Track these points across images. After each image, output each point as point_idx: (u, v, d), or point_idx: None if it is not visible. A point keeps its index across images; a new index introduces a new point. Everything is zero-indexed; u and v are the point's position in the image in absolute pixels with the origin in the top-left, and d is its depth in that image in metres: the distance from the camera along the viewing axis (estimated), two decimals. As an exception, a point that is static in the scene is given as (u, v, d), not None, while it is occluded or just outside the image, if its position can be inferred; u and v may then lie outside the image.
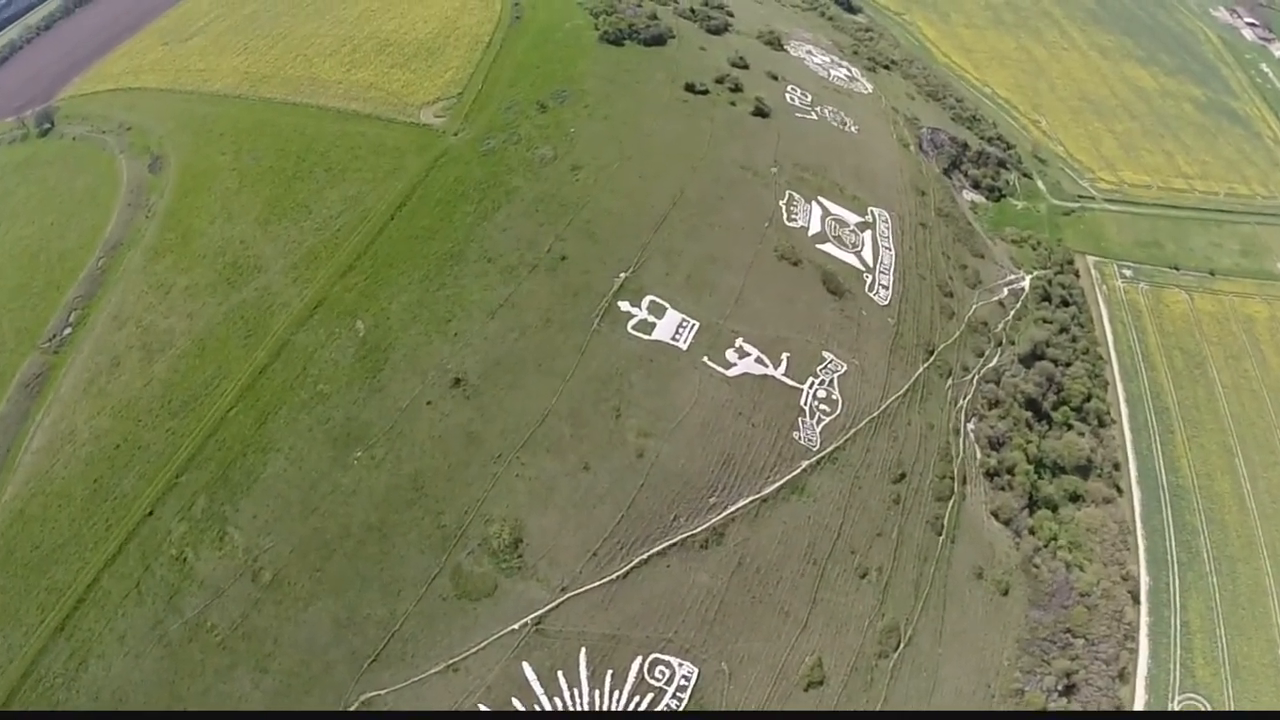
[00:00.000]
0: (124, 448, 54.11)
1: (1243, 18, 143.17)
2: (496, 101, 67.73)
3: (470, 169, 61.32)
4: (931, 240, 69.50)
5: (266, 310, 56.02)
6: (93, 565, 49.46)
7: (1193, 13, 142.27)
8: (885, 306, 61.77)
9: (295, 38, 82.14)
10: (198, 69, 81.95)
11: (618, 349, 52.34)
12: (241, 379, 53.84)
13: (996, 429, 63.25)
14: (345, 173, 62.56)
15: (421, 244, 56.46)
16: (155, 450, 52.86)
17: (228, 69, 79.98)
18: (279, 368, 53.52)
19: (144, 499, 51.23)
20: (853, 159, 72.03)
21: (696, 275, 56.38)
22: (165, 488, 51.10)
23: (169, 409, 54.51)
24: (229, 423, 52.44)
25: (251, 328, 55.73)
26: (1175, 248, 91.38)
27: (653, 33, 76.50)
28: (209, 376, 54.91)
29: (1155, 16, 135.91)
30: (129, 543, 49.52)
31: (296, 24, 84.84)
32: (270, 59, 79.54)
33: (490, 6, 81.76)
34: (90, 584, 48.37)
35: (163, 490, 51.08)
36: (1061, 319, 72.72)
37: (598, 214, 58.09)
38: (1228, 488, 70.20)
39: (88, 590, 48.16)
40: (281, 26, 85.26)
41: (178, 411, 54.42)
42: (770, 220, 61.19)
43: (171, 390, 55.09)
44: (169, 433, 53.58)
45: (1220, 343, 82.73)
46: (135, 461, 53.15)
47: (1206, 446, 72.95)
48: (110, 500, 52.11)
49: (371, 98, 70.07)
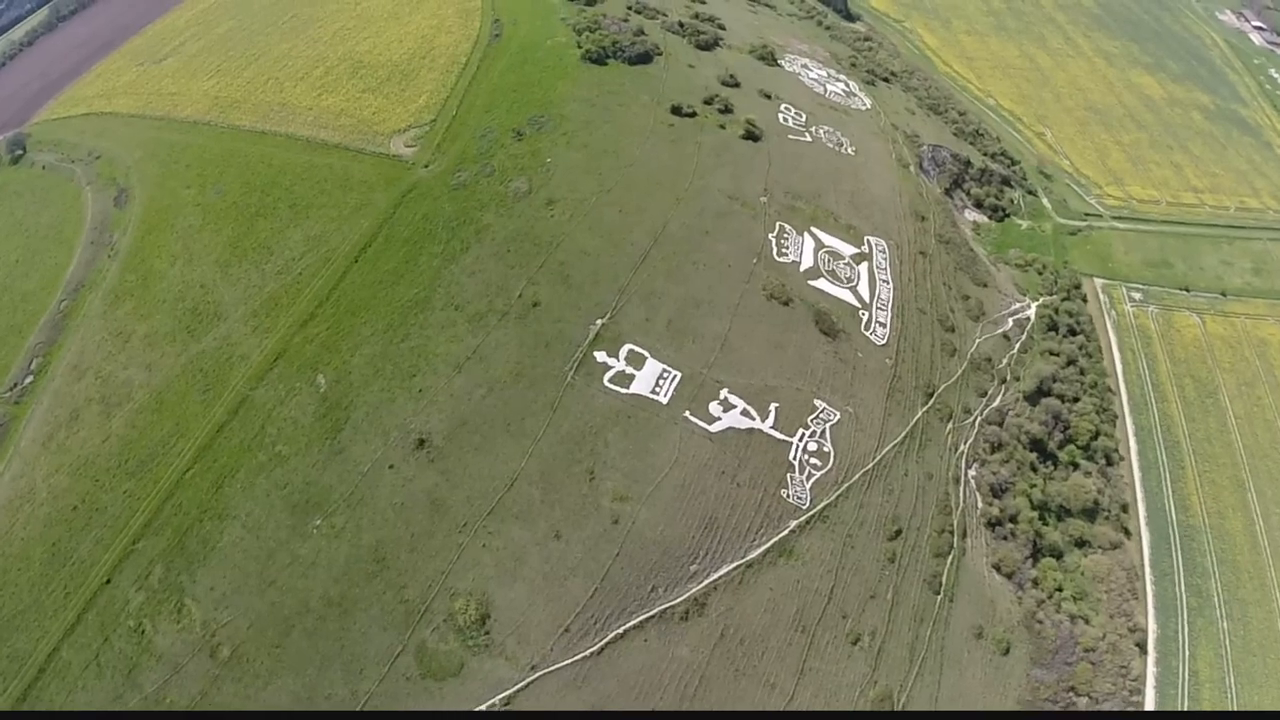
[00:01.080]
0: (82, 509, 50.23)
1: (1250, 21, 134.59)
2: (471, 129, 61.97)
3: (439, 205, 55.97)
4: (932, 270, 63.43)
5: (225, 362, 51.44)
6: (52, 634, 45.69)
7: (1199, 17, 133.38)
8: (882, 346, 56.14)
9: (269, 58, 76.50)
10: (169, 93, 76.53)
11: (592, 405, 47.30)
12: (199, 438, 49.46)
13: (999, 475, 57.75)
14: (310, 209, 57.42)
15: (386, 289, 51.46)
16: (112, 513, 48.99)
17: (199, 93, 74.56)
18: (237, 426, 49.07)
19: (102, 565, 47.37)
20: (849, 184, 65.84)
21: (679, 320, 50.96)
22: (122, 554, 47.21)
23: (126, 469, 50.44)
24: (186, 485, 48.26)
25: (210, 381, 51.20)
26: (1185, 267, 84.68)
27: (638, 50, 70.08)
28: (166, 434, 50.62)
29: (1161, 21, 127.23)
30: (88, 612, 45.74)
31: (271, 43, 79.18)
32: (242, 82, 74.07)
33: (469, 24, 75.62)
34: (50, 654, 44.62)
35: (120, 557, 47.20)
36: (1068, 350, 66.75)
37: (573, 254, 52.68)
38: (1240, 526, 64.58)
39: (48, 660, 44.44)
40: (256, 46, 79.63)
41: (135, 472, 50.37)
42: (759, 256, 55.49)
43: (129, 448, 50.93)
44: (126, 495, 49.54)
45: (1233, 369, 76.44)
46: (93, 524, 49.31)
47: (1218, 482, 67.31)
48: (68, 565, 48.30)
49: (341, 126, 64.48)
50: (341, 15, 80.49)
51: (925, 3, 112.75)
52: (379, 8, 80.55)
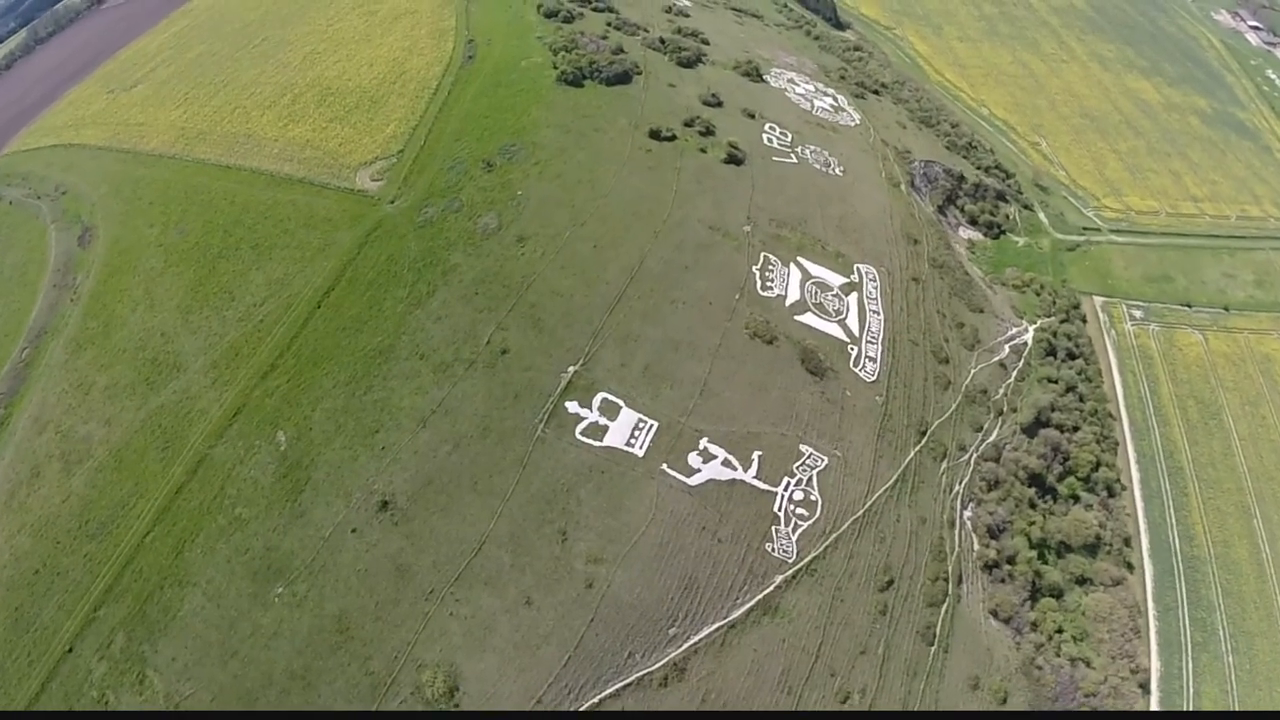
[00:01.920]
0: (43, 573, 47.29)
1: (1246, 21, 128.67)
2: (439, 160, 57.90)
3: (405, 244, 52.16)
4: (925, 297, 59.17)
5: (184, 418, 48.05)
6: (17, 703, 42.97)
7: (1194, 17, 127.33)
8: (872, 383, 52.14)
9: (237, 85, 72.55)
10: (137, 123, 72.80)
11: (564, 460, 43.56)
12: (158, 499, 46.18)
13: (996, 515, 54.01)
14: (273, 250, 53.77)
15: (349, 337, 47.84)
16: (73, 577, 46.02)
17: (166, 123, 70.76)
18: (196, 487, 45.70)
19: (64, 632, 44.52)
20: (837, 208, 61.45)
21: (656, 365, 47.11)
22: (84, 621, 44.31)
23: (87, 530, 47.37)
24: (146, 550, 45.12)
25: (169, 438, 47.82)
26: (1186, 281, 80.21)
27: (616, 70, 65.46)
28: (126, 494, 47.44)
29: (1156, 23, 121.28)
30: (51, 681, 43.00)
31: (240, 69, 75.20)
32: (209, 111, 70.18)
33: (442, 45, 71.35)
34: (14, 724, 42.32)
35: (82, 624, 44.30)
36: (1067, 376, 62.54)
37: (544, 295, 48.83)
38: (1245, 554, 60.77)
39: (12, 731, 42.15)
40: (225, 73, 75.65)
41: (95, 534, 47.34)
42: (742, 291, 51.41)
43: (89, 508, 47.80)
44: (87, 558, 46.52)
45: (1236, 388, 72.23)
46: (55, 589, 46.41)
47: (1223, 509, 63.40)
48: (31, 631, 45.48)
49: (307, 158, 60.52)
50: (312, 38, 76.45)
51: (916, 9, 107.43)
52: (351, 29, 76.46)
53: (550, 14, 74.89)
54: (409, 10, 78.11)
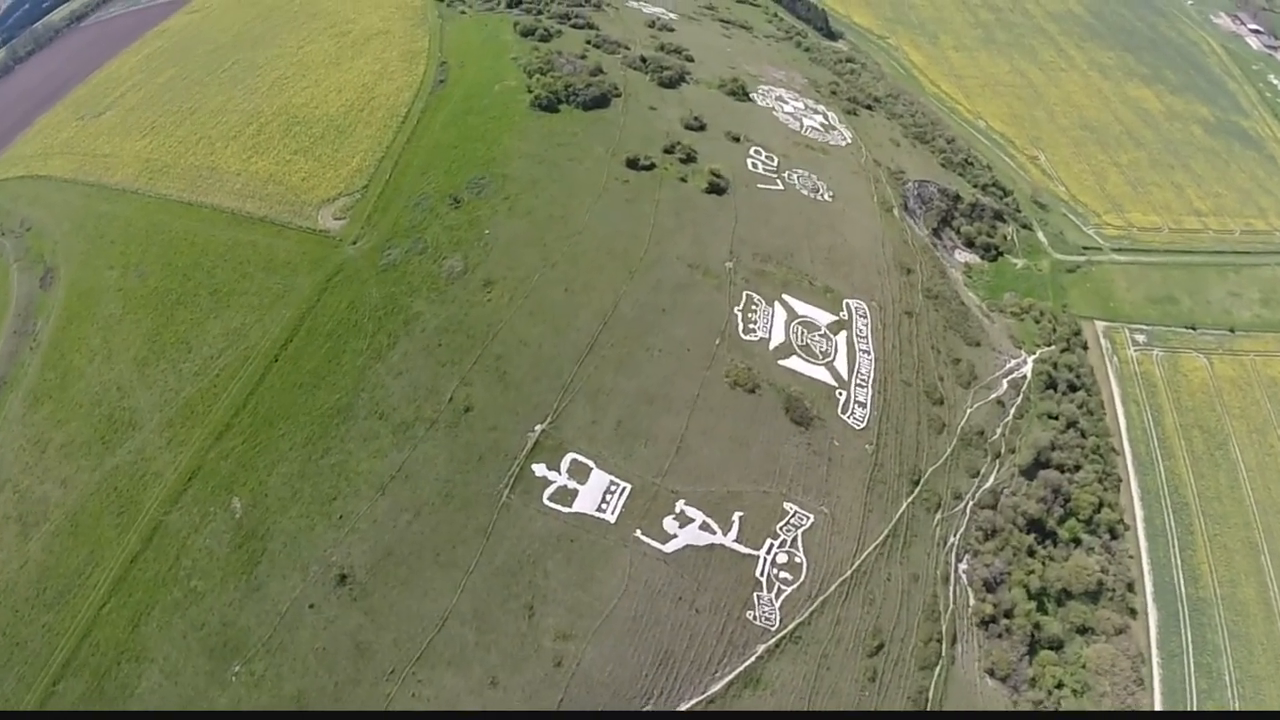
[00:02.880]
0: (3, 643, 43.99)
1: (1246, 24, 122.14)
2: (404, 196, 53.41)
3: (366, 290, 47.93)
4: (919, 332, 54.53)
5: (139, 480, 44.33)
6: None
7: (1194, 21, 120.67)
8: (862, 430, 47.74)
9: (203, 113, 68.08)
10: (104, 154, 68.53)
11: (530, 529, 39.56)
12: (114, 568, 42.56)
13: (992, 566, 49.92)
14: (231, 297, 49.68)
15: (306, 395, 43.89)
16: (33, 648, 42.64)
17: (131, 155, 66.53)
18: (151, 556, 42.02)
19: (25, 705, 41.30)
20: (826, 237, 56.64)
21: (629, 421, 42.96)
22: (44, 695, 40.96)
23: (44, 599, 43.87)
24: (103, 622, 41.61)
25: (124, 502, 44.13)
26: (1191, 302, 75.26)
27: (594, 94, 60.61)
28: (82, 562, 43.89)
29: (1156, 28, 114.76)
30: (13, 757, 40.30)
31: (208, 95, 70.71)
32: (174, 141, 65.82)
33: (413, 68, 66.54)
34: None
35: (42, 698, 40.95)
36: (1068, 411, 57.90)
37: (511, 345, 44.62)
38: (1253, 593, 56.65)
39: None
40: (192, 99, 71.25)
41: (53, 603, 43.94)
42: (722, 335, 47.02)
43: (47, 575, 44.32)
44: (45, 629, 43.12)
45: (1243, 415, 67.69)
46: (15, 660, 43.08)
47: (1230, 545, 59.19)
48: (-10, 704, 42.72)
49: (269, 194, 56.11)
50: (282, 62, 71.79)
51: (910, 17, 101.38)
52: (322, 52, 71.72)
53: (527, 32, 69.88)
54: (382, 31, 73.42)
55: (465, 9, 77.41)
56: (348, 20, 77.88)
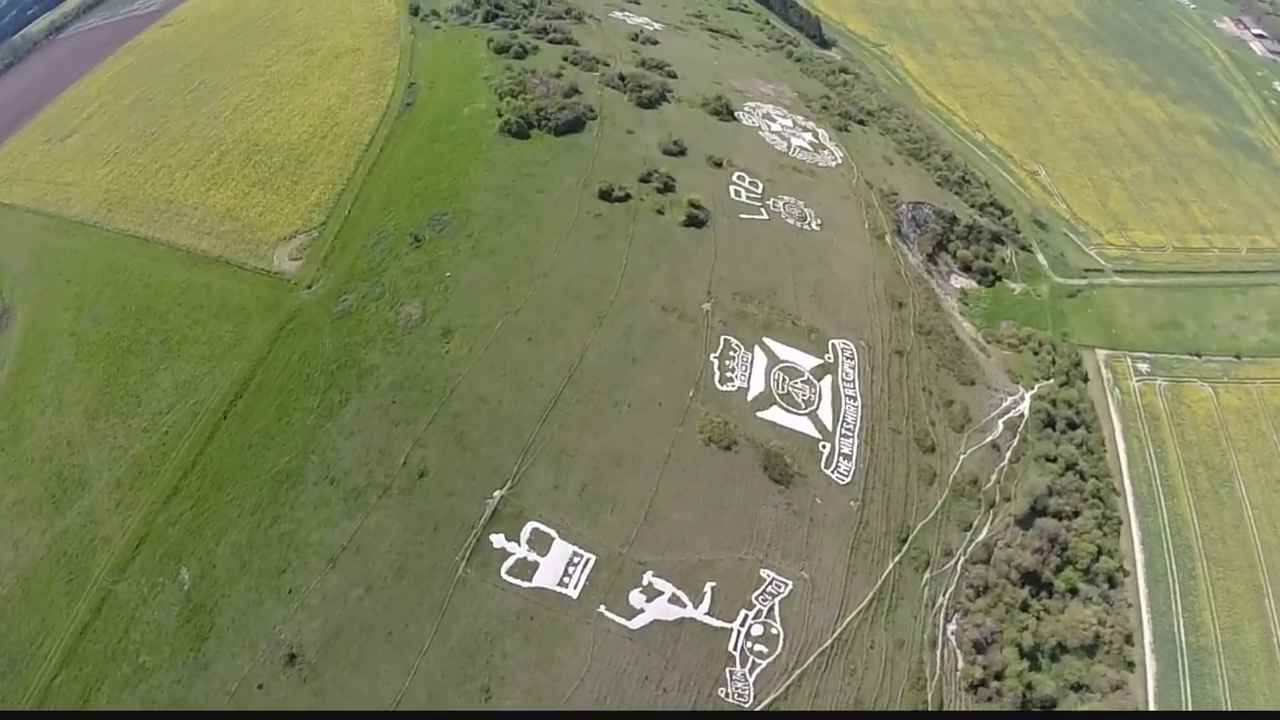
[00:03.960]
0: None
1: (1250, 29, 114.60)
2: (363, 233, 48.75)
3: (320, 340, 43.49)
4: (910, 373, 49.44)
5: (88, 545, 40.60)
6: None
7: (1197, 26, 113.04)
8: (847, 485, 42.90)
9: (165, 139, 63.10)
10: (66, 183, 63.77)
11: (488, 605, 35.41)
12: (64, 638, 38.89)
13: (983, 627, 45.29)
14: (181, 346, 45.44)
15: (255, 456, 39.85)
16: None
17: (92, 184, 61.81)
18: (101, 627, 38.37)
19: None
20: (812, 271, 51.47)
21: (594, 485, 38.50)
22: None
23: None
24: (54, 695, 37.94)
25: (74, 568, 40.43)
26: (1196, 327, 69.67)
27: (567, 118, 55.23)
28: (33, 631, 40.18)
29: (1158, 33, 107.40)
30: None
31: (171, 120, 65.54)
32: (135, 170, 60.96)
33: (381, 90, 61.12)
34: None
35: None
36: (1067, 453, 52.88)
37: (470, 402, 40.13)
38: (1255, 640, 51.98)
39: None
40: (156, 123, 66.25)
41: (6, 673, 40.24)
42: (697, 386, 42.27)
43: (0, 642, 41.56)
44: None
45: (1249, 448, 62.40)
46: None
47: (1233, 590, 54.50)
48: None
49: (225, 232, 51.58)
50: (248, 83, 66.55)
51: (906, 23, 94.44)
52: (289, 71, 66.48)
53: (501, 49, 64.20)
54: (351, 49, 68.06)
55: (440, 24, 71.62)
56: (318, 37, 72.52)
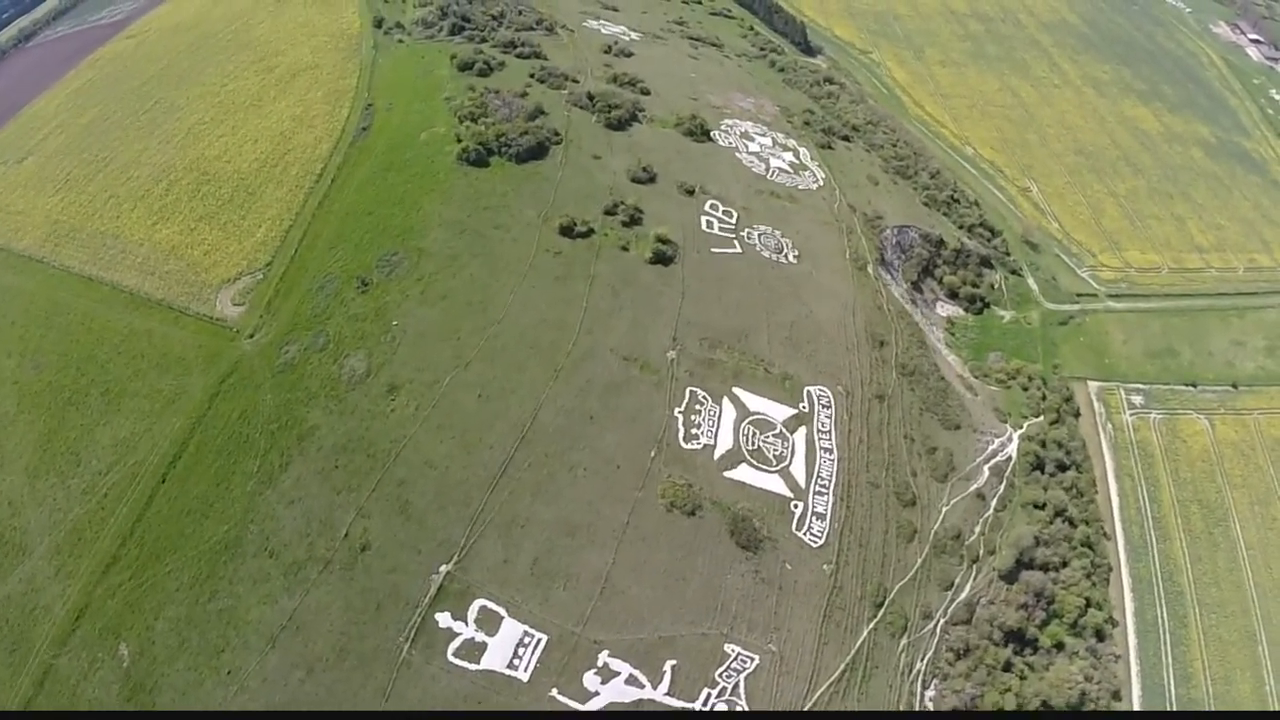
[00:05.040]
0: None
1: (1246, 34, 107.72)
2: (310, 275, 44.44)
3: (260, 396, 39.58)
4: (890, 419, 45.20)
5: (30, 615, 37.42)
6: None
7: (1192, 31, 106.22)
8: (820, 548, 39.01)
9: (116, 165, 58.21)
10: (17, 211, 58.64)
11: (434, 689, 32.09)
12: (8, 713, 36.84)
13: (963, 693, 41.73)
14: (122, 399, 41.66)
15: (194, 524, 36.39)
16: None
17: (42, 215, 56.89)
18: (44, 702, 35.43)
19: None
20: (788, 310, 46.93)
21: (547, 558, 34.82)
22: None
23: None
24: None
25: (17, 639, 37.26)
26: (1192, 354, 64.89)
27: (529, 143, 50.32)
28: None
29: (1153, 38, 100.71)
30: None
31: (124, 143, 60.50)
32: (85, 199, 56.07)
33: (337, 112, 55.79)
34: None
35: None
36: (1056, 498, 48.72)
37: (415, 468, 36.37)
38: (1248, 689, 48.34)
39: None
40: (109, 146, 61.27)
41: None
42: (659, 445, 38.22)
43: (-54, 718, 38.58)
44: None
45: (1244, 484, 58.37)
46: None
47: (1225, 638, 50.82)
48: None
49: (169, 272, 47.29)
50: (203, 102, 61.25)
51: (895, 28, 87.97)
52: (244, 91, 61.18)
53: (465, 66, 58.78)
54: (310, 65, 62.86)
55: (403, 38, 65.96)
56: (277, 52, 67.28)
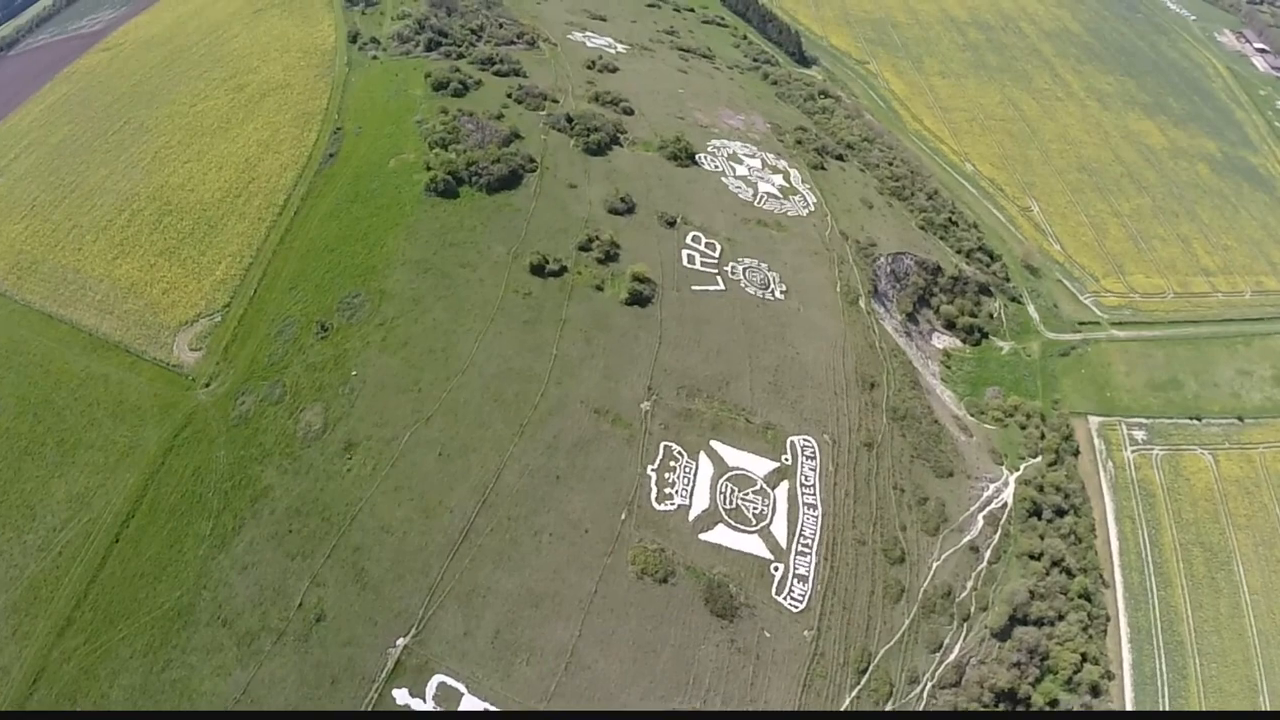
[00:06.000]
0: None
1: (1251, 43, 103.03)
2: (268, 318, 41.67)
3: (214, 453, 37.06)
4: (880, 468, 42.07)
5: None
6: None
7: (1197, 40, 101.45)
8: (801, 613, 36.10)
9: (81, 192, 55.17)
10: (-18, 237, 58.27)
11: (387, 776, 30.74)
12: None
13: (952, 758, 40.70)
14: (77, 450, 39.37)
15: (147, 587, 34.25)
16: None
17: (7, 243, 53.94)
18: None
19: None
20: (773, 353, 43.50)
21: (509, 631, 32.31)
22: None
23: None
24: None
25: None
26: (1197, 385, 60.73)
27: (501, 172, 46.99)
28: None
29: (1157, 47, 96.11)
30: None
31: (91, 166, 57.38)
32: (49, 227, 53.19)
33: (304, 136, 52.49)
34: None
35: None
36: (1053, 548, 45.27)
37: (372, 534, 33.83)
38: None
39: None
40: (76, 170, 58.09)
41: None
42: (630, 508, 35.38)
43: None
44: None
45: (1249, 525, 54.94)
46: None
47: (1226, 689, 47.72)
48: None
49: (128, 312, 44.78)
50: (172, 124, 58.08)
51: (893, 37, 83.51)
52: (213, 111, 57.82)
53: (440, 85, 55.21)
54: (281, 84, 59.42)
55: (378, 54, 62.37)
56: (249, 69, 63.90)
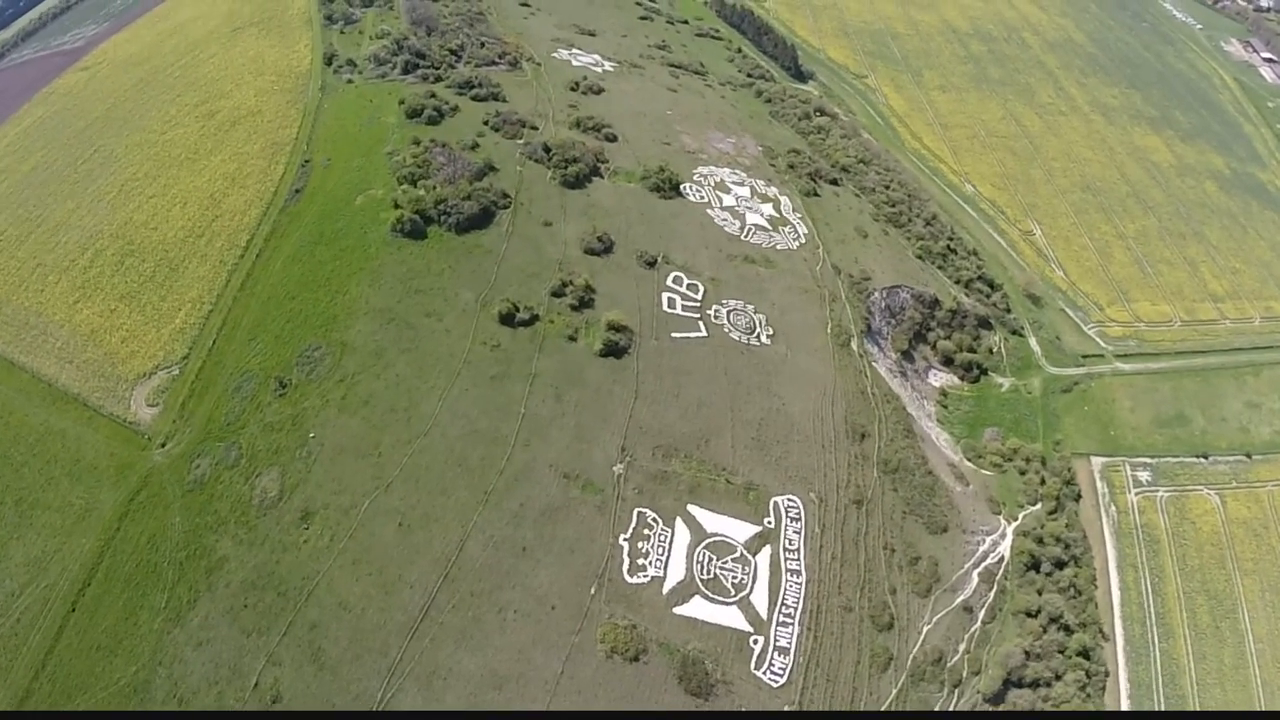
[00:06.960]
0: None
1: (1259, 52, 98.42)
2: (227, 371, 39.39)
3: (169, 519, 34.98)
4: (869, 527, 39.34)
5: None
6: None
7: (1203, 50, 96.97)
8: (781, 688, 33.68)
9: (46, 227, 52.62)
10: (-50, 273, 56.40)
11: None
12: None
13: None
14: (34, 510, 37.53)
15: (104, 661, 32.47)
16: None
17: None
18: None
19: None
20: (757, 405, 40.64)
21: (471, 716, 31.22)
22: None
23: None
24: None
25: None
26: (1204, 421, 57.16)
27: (472, 210, 44.05)
28: None
29: (1163, 58, 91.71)
30: None
31: (58, 199, 54.79)
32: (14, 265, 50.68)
33: (272, 169, 49.79)
34: None
35: None
36: (1051, 604, 42.40)
37: (329, 610, 31.61)
38: None
39: None
40: (44, 203, 55.59)
41: None
42: (600, 581, 32.99)
43: None
44: None
45: (1256, 569, 51.85)
46: None
47: (1228, 742, 46.83)
48: None
49: (87, 361, 42.68)
50: (140, 153, 55.54)
51: (892, 50, 79.28)
52: (183, 140, 55.16)
53: (414, 113, 52.18)
54: (253, 110, 56.56)
55: (353, 77, 59.31)
56: (222, 94, 61.02)
